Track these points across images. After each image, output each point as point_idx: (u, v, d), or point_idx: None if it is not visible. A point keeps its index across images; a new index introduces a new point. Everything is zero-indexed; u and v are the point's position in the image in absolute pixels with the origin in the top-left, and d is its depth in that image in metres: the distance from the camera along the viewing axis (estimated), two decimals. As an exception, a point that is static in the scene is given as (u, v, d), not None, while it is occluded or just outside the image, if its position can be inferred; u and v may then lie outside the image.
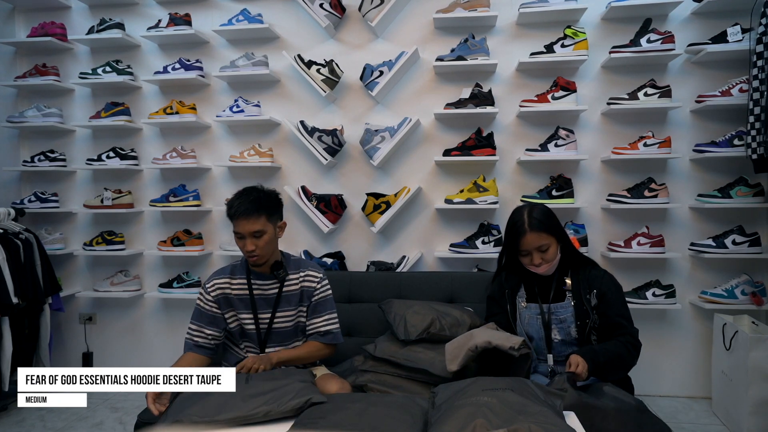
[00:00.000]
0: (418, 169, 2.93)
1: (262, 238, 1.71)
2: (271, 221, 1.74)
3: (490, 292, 1.93)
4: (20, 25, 3.21)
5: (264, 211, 1.71)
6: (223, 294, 1.80)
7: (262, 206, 1.71)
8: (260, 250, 1.71)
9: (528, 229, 1.71)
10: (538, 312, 1.77)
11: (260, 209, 1.70)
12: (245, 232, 1.70)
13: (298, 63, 2.83)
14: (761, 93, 2.36)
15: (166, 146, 3.10)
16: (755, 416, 2.25)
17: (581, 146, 2.77)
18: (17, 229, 2.80)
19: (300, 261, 1.92)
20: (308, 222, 2.96)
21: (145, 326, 3.19)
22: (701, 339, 2.76)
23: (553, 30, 2.76)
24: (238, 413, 1.33)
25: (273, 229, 1.76)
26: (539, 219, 1.73)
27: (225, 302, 1.81)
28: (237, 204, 1.70)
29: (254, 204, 1.70)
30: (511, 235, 1.77)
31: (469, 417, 1.18)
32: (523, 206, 1.81)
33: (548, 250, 1.72)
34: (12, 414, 2.67)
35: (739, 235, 2.58)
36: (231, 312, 1.81)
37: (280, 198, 1.85)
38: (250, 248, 1.70)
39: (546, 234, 1.71)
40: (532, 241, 1.71)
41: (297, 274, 1.84)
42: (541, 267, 1.73)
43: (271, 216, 1.74)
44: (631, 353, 1.65)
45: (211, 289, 1.80)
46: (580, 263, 1.81)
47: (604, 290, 1.74)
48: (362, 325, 2.29)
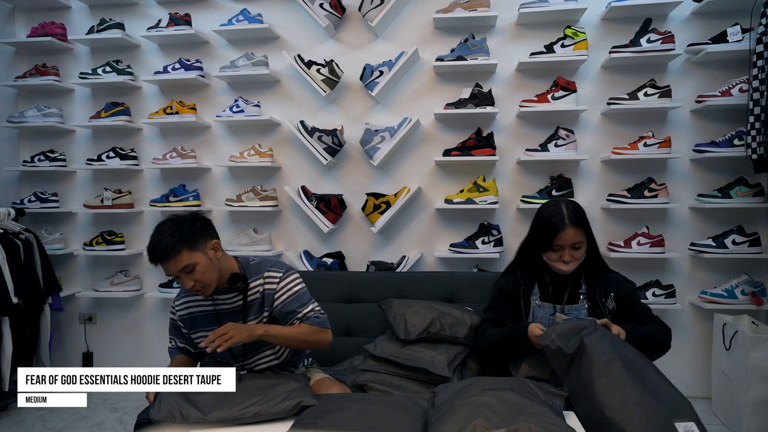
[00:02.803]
0: (418, 169, 2.93)
1: (195, 270, 1.53)
2: (197, 250, 1.54)
3: (502, 285, 1.84)
4: (20, 25, 3.21)
5: (180, 245, 1.51)
6: (188, 314, 1.71)
7: (174, 244, 1.50)
8: (200, 283, 1.55)
9: (568, 223, 1.65)
10: (552, 312, 1.74)
11: (174, 248, 1.50)
12: (174, 274, 1.54)
13: (298, 63, 2.83)
14: (761, 93, 2.36)
15: (166, 146, 3.11)
16: (755, 416, 2.25)
17: (581, 146, 2.77)
18: (17, 229, 2.80)
19: (261, 264, 1.72)
20: (308, 222, 2.96)
21: (145, 326, 3.19)
22: (701, 339, 2.76)
23: (553, 30, 2.76)
24: (227, 413, 1.33)
25: (203, 255, 1.55)
26: (578, 214, 1.68)
27: (191, 323, 1.71)
28: (150, 250, 1.53)
29: (165, 247, 1.50)
30: (545, 229, 1.68)
31: (469, 417, 1.18)
32: (556, 200, 1.76)
33: (581, 248, 1.68)
34: (12, 414, 2.67)
35: (739, 235, 2.58)
36: (197, 333, 1.72)
37: (200, 218, 1.62)
38: (189, 285, 1.54)
39: (582, 231, 1.68)
40: (570, 236, 1.65)
41: (258, 280, 1.68)
42: (569, 265, 1.68)
43: (193, 246, 1.53)
44: (665, 334, 1.67)
45: (178, 308, 1.72)
46: (596, 265, 1.78)
47: (622, 292, 1.73)
48: (362, 325, 2.28)
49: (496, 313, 1.83)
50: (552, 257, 1.70)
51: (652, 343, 1.63)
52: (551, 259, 1.71)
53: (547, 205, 1.75)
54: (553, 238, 1.67)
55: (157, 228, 1.56)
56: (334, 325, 2.27)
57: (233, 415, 1.33)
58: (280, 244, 3.04)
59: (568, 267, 1.69)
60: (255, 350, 1.70)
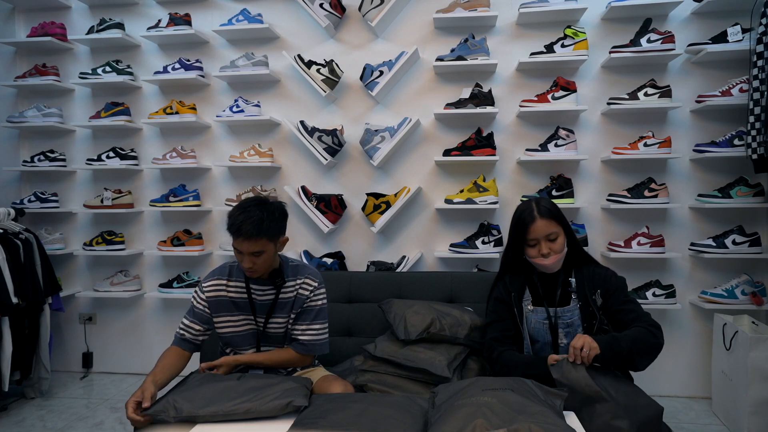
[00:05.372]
0: (418, 169, 2.93)
1: (261, 257, 1.65)
2: (272, 241, 1.66)
3: (498, 295, 1.83)
4: (20, 25, 3.21)
5: (265, 234, 1.62)
6: (217, 297, 1.76)
7: (263, 230, 1.61)
8: (257, 267, 1.66)
9: (537, 215, 1.68)
10: (545, 317, 1.73)
11: (261, 233, 1.61)
12: (244, 251, 1.63)
13: (298, 63, 2.83)
14: (761, 93, 2.36)
15: (166, 146, 3.11)
16: (755, 416, 2.25)
17: (581, 146, 2.77)
18: (17, 229, 2.80)
19: (299, 267, 1.83)
20: (308, 222, 2.96)
21: (145, 326, 3.19)
22: (701, 339, 2.76)
23: (553, 30, 2.76)
24: (219, 408, 1.35)
25: (273, 247, 1.68)
26: (548, 207, 1.71)
27: (217, 306, 1.76)
28: (239, 222, 1.61)
29: (256, 227, 1.60)
30: (518, 226, 1.72)
31: (469, 417, 1.18)
32: (528, 200, 1.79)
33: (557, 239, 1.69)
34: (12, 414, 2.67)
35: (739, 235, 2.58)
36: (222, 317, 1.77)
37: (286, 212, 1.74)
38: (247, 265, 1.65)
39: (555, 222, 1.69)
40: (541, 228, 1.67)
41: (294, 281, 1.79)
42: (549, 258, 1.68)
43: (272, 237, 1.66)
44: (653, 333, 1.58)
45: (207, 289, 1.76)
46: (583, 261, 1.79)
47: (609, 287, 1.72)
48: (362, 325, 2.28)
49: (500, 328, 1.79)
50: (531, 253, 1.72)
51: (640, 350, 1.55)
52: (531, 255, 1.72)
53: (519, 206, 1.78)
54: (526, 232, 1.69)
55: (252, 204, 1.65)
56: (334, 325, 2.29)
57: (224, 411, 1.34)
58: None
59: (549, 261, 1.68)
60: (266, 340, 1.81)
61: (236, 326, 1.77)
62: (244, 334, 1.79)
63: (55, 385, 3.01)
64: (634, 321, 1.63)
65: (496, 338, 1.78)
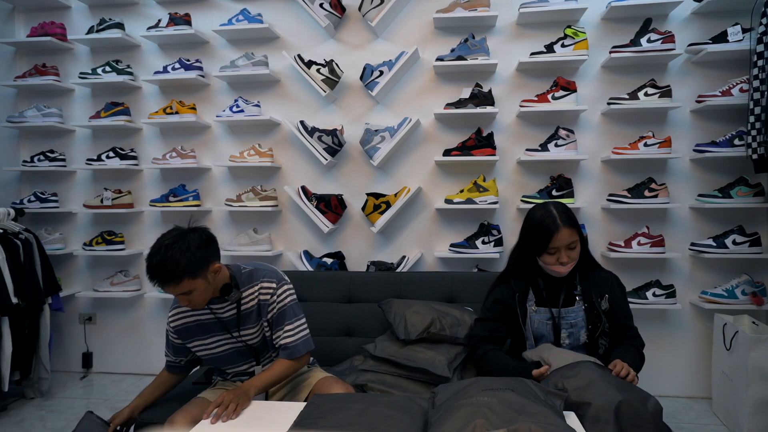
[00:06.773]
0: (418, 169, 2.93)
1: (192, 294, 1.53)
2: (198, 277, 1.52)
3: (498, 296, 1.80)
4: (20, 25, 3.21)
5: (185, 274, 1.48)
6: (183, 325, 1.70)
7: (179, 272, 1.47)
8: (195, 302, 1.56)
9: (561, 224, 1.63)
10: (549, 317, 1.72)
11: (179, 276, 1.47)
12: (173, 294, 1.53)
13: (298, 63, 2.83)
14: (761, 93, 2.35)
15: (166, 146, 3.11)
16: (755, 416, 2.25)
17: (581, 146, 2.77)
18: (17, 229, 2.80)
19: (253, 272, 1.71)
20: (308, 222, 2.96)
21: (144, 326, 3.19)
22: (701, 339, 2.76)
23: (553, 30, 2.76)
24: None
25: (203, 281, 1.54)
26: (569, 215, 1.67)
27: (186, 332, 1.70)
28: (152, 270, 1.48)
29: (171, 272, 1.47)
30: (540, 233, 1.66)
31: (469, 417, 1.18)
32: (544, 203, 1.73)
33: (575, 247, 1.66)
34: (12, 414, 2.67)
35: (740, 235, 2.58)
36: (195, 342, 1.71)
37: (209, 239, 1.59)
38: (184, 304, 1.57)
39: (575, 230, 1.66)
40: (565, 237, 1.63)
41: (251, 288, 1.69)
42: (566, 266, 1.66)
43: (196, 274, 1.51)
44: (642, 355, 1.69)
45: (171, 320, 1.71)
46: (589, 264, 1.78)
47: (615, 294, 1.73)
48: (362, 325, 2.28)
49: (489, 328, 1.79)
50: (548, 260, 1.68)
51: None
52: (547, 262, 1.68)
53: (536, 209, 1.73)
54: (549, 240, 1.64)
55: (162, 245, 1.49)
56: (334, 325, 2.29)
57: None
58: (280, 244, 3.04)
59: (565, 269, 1.67)
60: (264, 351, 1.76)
61: (212, 348, 1.71)
62: (227, 354, 1.72)
63: (55, 385, 3.01)
64: (631, 338, 1.72)
65: (484, 337, 1.79)
